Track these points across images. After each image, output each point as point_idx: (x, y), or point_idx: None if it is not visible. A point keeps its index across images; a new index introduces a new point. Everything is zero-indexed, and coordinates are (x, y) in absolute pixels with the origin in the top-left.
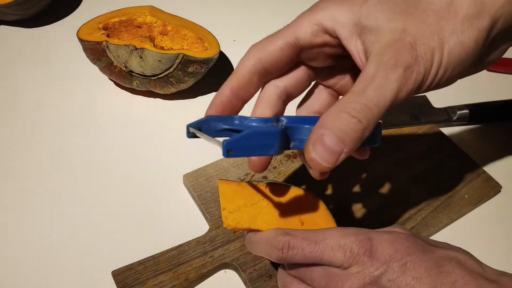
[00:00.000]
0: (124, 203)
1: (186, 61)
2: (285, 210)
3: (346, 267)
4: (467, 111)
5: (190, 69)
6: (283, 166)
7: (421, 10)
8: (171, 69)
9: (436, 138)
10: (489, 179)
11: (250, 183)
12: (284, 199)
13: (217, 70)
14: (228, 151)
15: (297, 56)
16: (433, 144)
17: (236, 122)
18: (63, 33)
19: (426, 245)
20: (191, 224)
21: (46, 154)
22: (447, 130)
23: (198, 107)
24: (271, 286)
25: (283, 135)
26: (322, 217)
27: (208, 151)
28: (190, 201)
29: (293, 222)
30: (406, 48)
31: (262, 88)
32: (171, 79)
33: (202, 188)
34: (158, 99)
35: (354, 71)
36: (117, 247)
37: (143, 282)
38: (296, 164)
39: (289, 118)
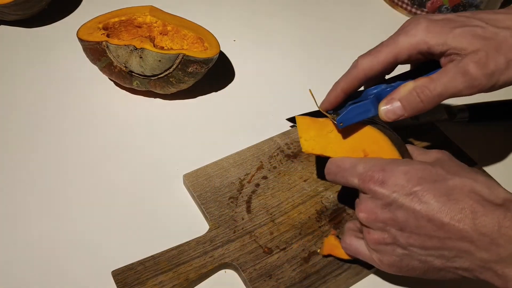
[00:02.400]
0: (124, 203)
1: (186, 61)
2: (350, 142)
3: (364, 192)
4: (467, 111)
5: (190, 69)
6: (283, 166)
7: (498, 41)
8: (171, 69)
9: (436, 138)
10: None
11: (320, 118)
12: (349, 132)
13: (217, 70)
14: (341, 124)
15: (393, 69)
16: (433, 144)
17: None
18: (63, 33)
19: (443, 174)
20: (191, 224)
21: (46, 153)
22: (447, 130)
23: (198, 107)
24: (271, 286)
25: (375, 100)
26: (385, 150)
27: (208, 150)
28: (190, 201)
29: (357, 152)
30: (478, 63)
31: None
32: (171, 79)
33: (202, 188)
34: (158, 99)
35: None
36: (117, 247)
37: (143, 282)
38: (296, 164)
39: (380, 86)
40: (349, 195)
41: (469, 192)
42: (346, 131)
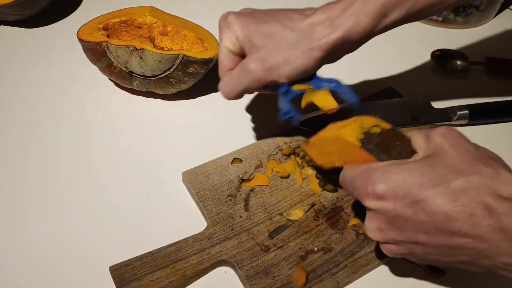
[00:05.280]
0: (124, 200)
1: (186, 62)
2: (328, 152)
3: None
4: (467, 111)
5: (190, 69)
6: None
7: (280, 39)
8: (171, 70)
9: None
10: None
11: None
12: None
13: (217, 71)
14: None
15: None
16: None
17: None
18: (63, 33)
19: (445, 174)
20: (189, 221)
21: (46, 153)
22: None
23: (198, 107)
24: (268, 283)
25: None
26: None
27: (208, 150)
28: (188, 198)
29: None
30: (258, 60)
31: None
32: (171, 80)
33: (201, 186)
34: (158, 100)
35: None
36: (115, 243)
37: (140, 278)
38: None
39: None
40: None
41: (476, 194)
42: (320, 142)
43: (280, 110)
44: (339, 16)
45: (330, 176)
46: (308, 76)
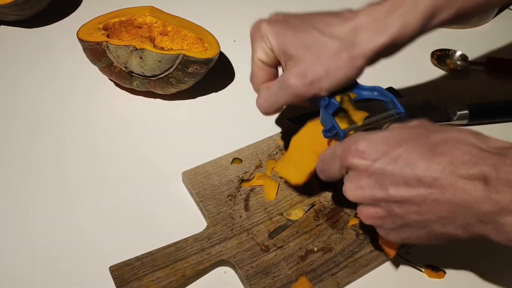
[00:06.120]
0: (124, 199)
1: (186, 62)
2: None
3: (348, 171)
4: (467, 111)
5: (190, 69)
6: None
7: (319, 48)
8: (171, 70)
9: None
10: None
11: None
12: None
13: (217, 71)
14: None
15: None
16: None
17: None
18: (63, 33)
19: (425, 132)
20: (189, 221)
21: (46, 153)
22: None
23: (198, 107)
24: (268, 283)
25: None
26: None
27: (208, 150)
28: (188, 198)
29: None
30: (298, 75)
31: None
32: (171, 80)
33: (201, 186)
34: (158, 100)
35: None
36: (115, 243)
37: (140, 278)
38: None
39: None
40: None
41: (455, 143)
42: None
43: (324, 126)
44: (386, 18)
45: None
46: (349, 85)
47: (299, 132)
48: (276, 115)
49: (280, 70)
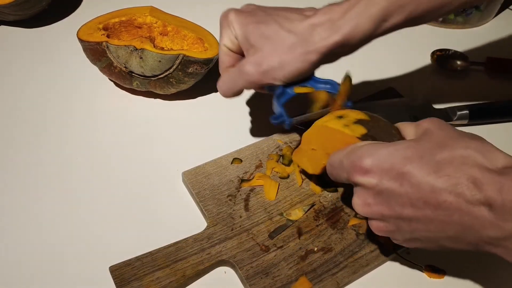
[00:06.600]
0: (123, 200)
1: (186, 62)
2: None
3: (355, 185)
4: (467, 111)
5: (190, 69)
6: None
7: (277, 40)
8: (171, 70)
9: None
10: None
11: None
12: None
13: (217, 71)
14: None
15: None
16: None
17: None
18: (63, 33)
19: (431, 148)
20: (189, 221)
21: (46, 153)
22: None
23: (198, 107)
24: (268, 283)
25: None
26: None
27: (208, 150)
28: (188, 198)
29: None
30: (254, 63)
31: None
32: (171, 80)
33: (201, 186)
34: (158, 100)
35: None
36: (115, 243)
37: (140, 278)
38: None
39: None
40: (349, 194)
41: (461, 164)
42: (306, 141)
43: (274, 112)
44: (340, 19)
45: (325, 181)
46: (305, 77)
47: (309, 129)
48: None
49: None
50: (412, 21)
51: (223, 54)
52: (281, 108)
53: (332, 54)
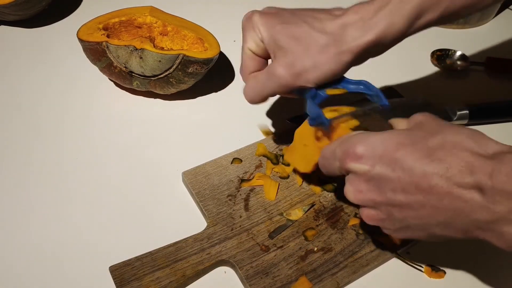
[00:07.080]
0: (124, 199)
1: (186, 62)
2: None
3: (347, 173)
4: (467, 111)
5: (190, 69)
6: (281, 164)
7: (309, 41)
8: (171, 70)
9: None
10: None
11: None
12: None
13: (217, 71)
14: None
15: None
16: None
17: None
18: (63, 33)
19: (423, 135)
20: (189, 221)
21: (46, 153)
22: None
23: (198, 107)
24: (268, 283)
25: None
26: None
27: (208, 150)
28: (188, 198)
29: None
30: (286, 66)
31: None
32: (171, 80)
33: (201, 186)
34: (158, 100)
35: None
36: (115, 243)
37: (140, 278)
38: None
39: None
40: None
41: (452, 148)
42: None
43: (309, 115)
44: (373, 17)
45: (319, 179)
46: (336, 79)
47: (302, 125)
48: (277, 115)
49: (269, 62)
50: (447, 17)
51: (247, 58)
52: (318, 109)
53: (364, 54)
